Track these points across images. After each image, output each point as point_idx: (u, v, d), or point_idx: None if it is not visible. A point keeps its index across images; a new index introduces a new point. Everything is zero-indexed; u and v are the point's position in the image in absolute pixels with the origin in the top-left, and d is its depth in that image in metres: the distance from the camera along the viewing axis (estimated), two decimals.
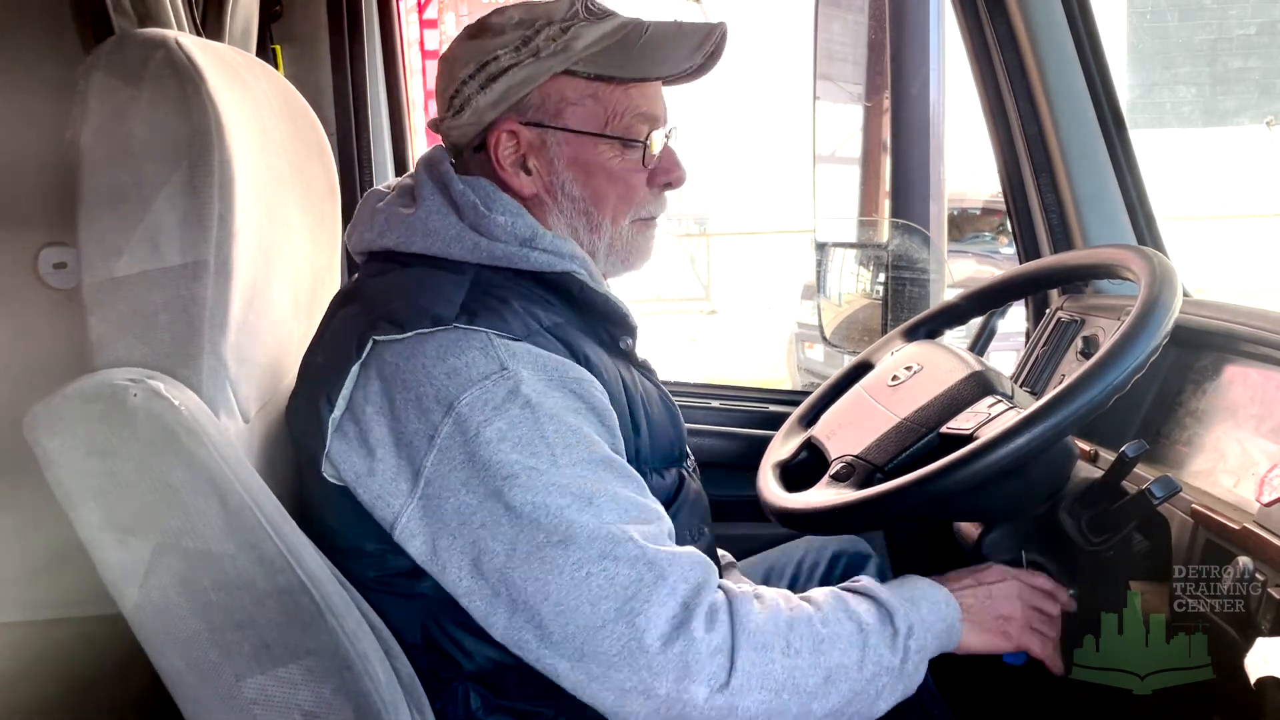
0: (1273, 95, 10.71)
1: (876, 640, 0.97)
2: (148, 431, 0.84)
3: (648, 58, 1.07)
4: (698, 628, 0.90)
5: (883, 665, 0.97)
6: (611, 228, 1.11)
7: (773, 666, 0.92)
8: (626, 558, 0.91)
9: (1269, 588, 0.97)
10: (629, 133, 1.08)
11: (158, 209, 0.89)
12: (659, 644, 0.89)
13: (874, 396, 1.29)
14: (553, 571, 0.90)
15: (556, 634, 0.90)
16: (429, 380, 0.94)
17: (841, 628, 0.97)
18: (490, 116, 1.07)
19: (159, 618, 0.87)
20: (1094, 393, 1.00)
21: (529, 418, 0.93)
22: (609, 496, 0.93)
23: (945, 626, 1.03)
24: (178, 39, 0.93)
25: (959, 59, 1.75)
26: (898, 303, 1.89)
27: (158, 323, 0.90)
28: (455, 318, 0.96)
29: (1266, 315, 1.26)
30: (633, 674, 0.89)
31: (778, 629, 0.94)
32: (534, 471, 0.92)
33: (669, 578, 0.91)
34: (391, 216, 1.07)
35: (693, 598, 0.91)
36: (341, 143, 1.85)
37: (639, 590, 0.90)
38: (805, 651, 0.93)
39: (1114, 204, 1.57)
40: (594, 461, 0.95)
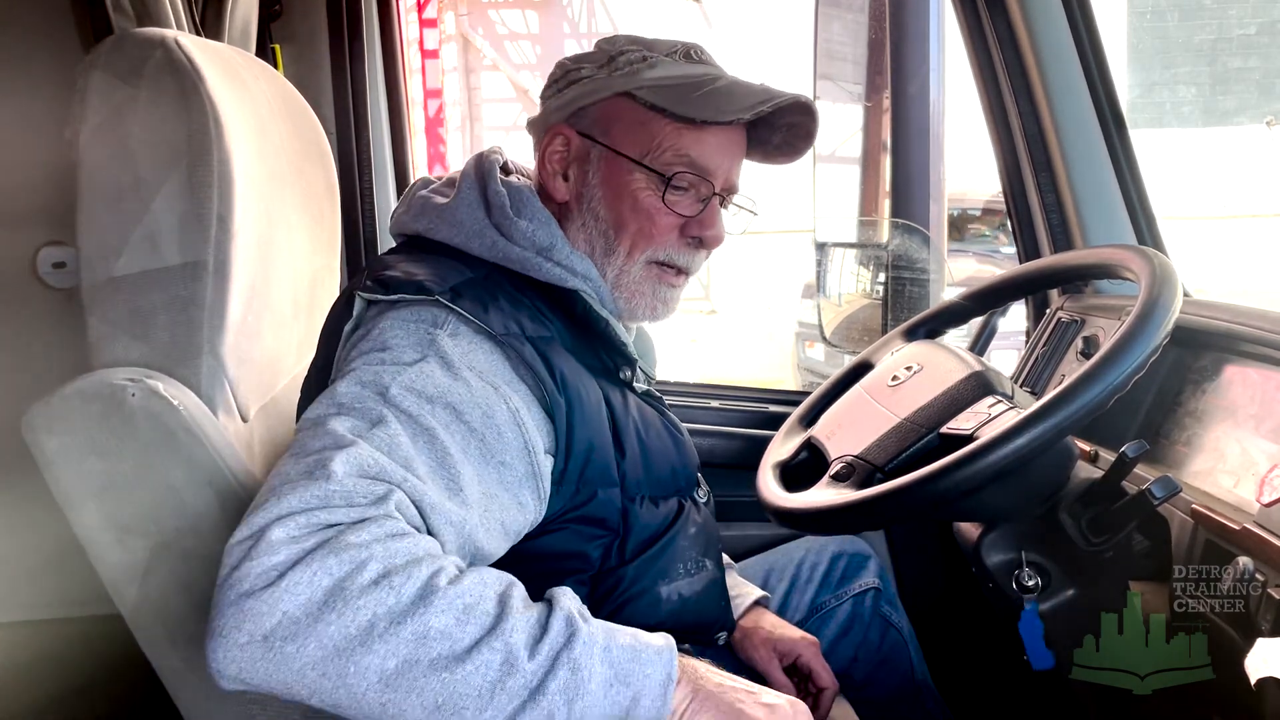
0: (1272, 95, 10.71)
1: (513, 629, 0.79)
2: (146, 431, 0.84)
3: (707, 102, 1.08)
4: (295, 523, 0.76)
5: (508, 658, 0.77)
6: (624, 260, 1.10)
7: (348, 591, 0.74)
8: (317, 451, 0.81)
9: (1269, 588, 0.97)
10: (663, 167, 1.08)
11: (157, 209, 0.89)
12: (255, 524, 0.76)
13: (874, 396, 1.29)
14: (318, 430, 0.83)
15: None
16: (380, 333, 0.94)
17: (476, 596, 0.79)
18: (554, 119, 1.12)
19: (158, 617, 0.87)
20: (1094, 393, 1.00)
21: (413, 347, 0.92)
22: (386, 432, 0.84)
23: (637, 668, 0.82)
24: (177, 38, 0.93)
25: (959, 58, 1.75)
26: (898, 303, 1.89)
27: (156, 322, 0.90)
28: (440, 292, 0.97)
29: (1266, 315, 1.26)
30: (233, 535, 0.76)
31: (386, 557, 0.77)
32: (366, 369, 0.88)
33: (332, 483, 0.78)
34: (427, 203, 1.10)
35: (331, 507, 0.78)
36: (341, 142, 1.85)
37: (299, 479, 0.79)
38: (405, 593, 0.76)
39: (1114, 204, 1.57)
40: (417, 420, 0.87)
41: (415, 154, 2.08)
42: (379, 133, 1.94)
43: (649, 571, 1.06)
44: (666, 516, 1.12)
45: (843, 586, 1.41)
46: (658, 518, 1.10)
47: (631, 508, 1.06)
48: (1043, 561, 1.15)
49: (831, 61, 2.31)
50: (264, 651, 0.73)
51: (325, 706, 0.75)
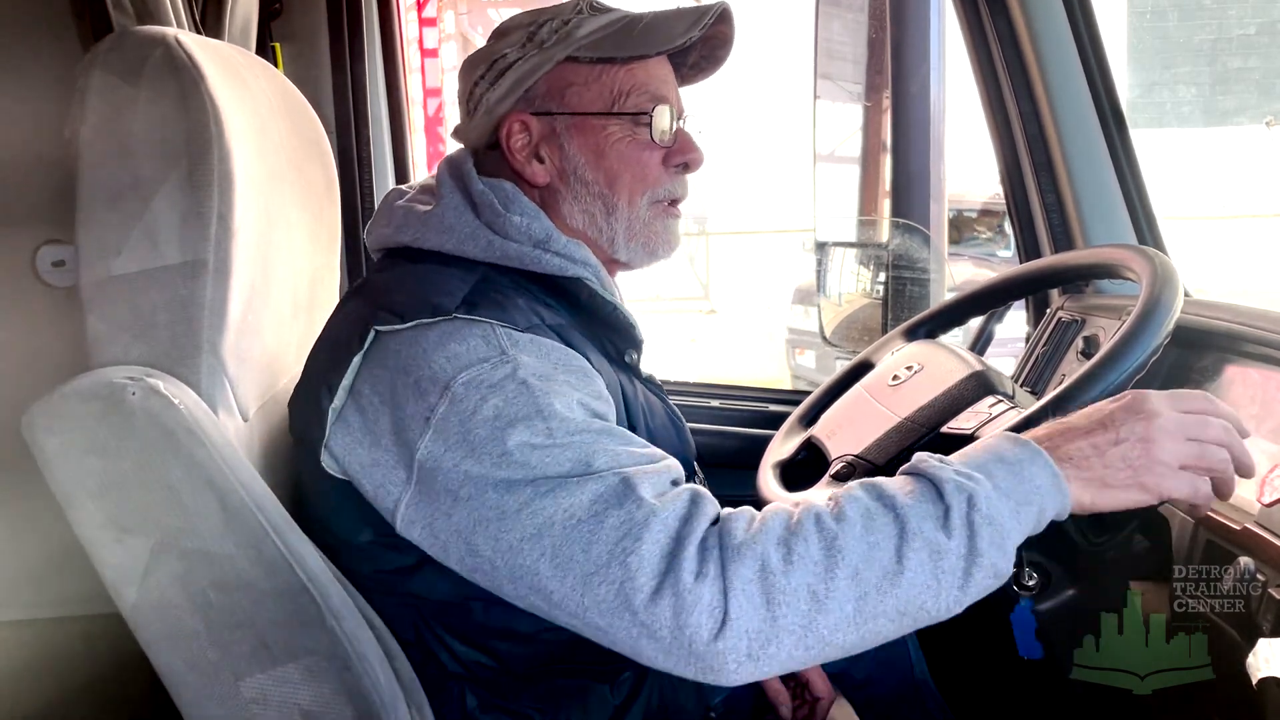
0: (1272, 95, 10.71)
1: (919, 522, 0.84)
2: (146, 430, 0.84)
3: (646, 37, 1.09)
4: (686, 564, 0.83)
5: (934, 549, 0.83)
6: (628, 209, 1.10)
7: (775, 582, 0.82)
8: (616, 498, 0.87)
9: (1270, 588, 0.96)
10: (636, 109, 1.08)
11: (157, 207, 0.89)
12: (650, 589, 0.83)
13: (874, 396, 1.29)
14: (544, 525, 0.87)
15: (558, 591, 0.86)
16: (427, 364, 0.93)
17: (868, 518, 0.85)
18: (501, 110, 1.09)
19: (158, 617, 0.86)
20: (1094, 393, 1.00)
21: (525, 394, 0.91)
22: (607, 452, 0.90)
23: (1033, 489, 0.87)
24: (177, 36, 0.92)
25: (960, 58, 1.75)
26: (898, 302, 1.88)
27: (156, 321, 0.90)
28: (455, 308, 0.96)
29: (1267, 315, 1.26)
30: (634, 620, 0.84)
31: (775, 538, 0.84)
32: (528, 447, 0.89)
33: (660, 514, 0.86)
34: (409, 213, 1.08)
35: (683, 529, 0.85)
36: (341, 141, 1.85)
37: (630, 530, 0.85)
38: (814, 555, 0.83)
39: (1114, 203, 1.57)
40: (593, 430, 0.92)
41: (415, 152, 2.07)
42: (379, 131, 1.94)
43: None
44: None
45: None
46: None
47: None
48: (1043, 561, 1.15)
49: (831, 61, 2.31)
50: (754, 665, 0.83)
51: (822, 661, 0.85)
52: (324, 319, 1.25)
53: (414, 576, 0.98)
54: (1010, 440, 0.89)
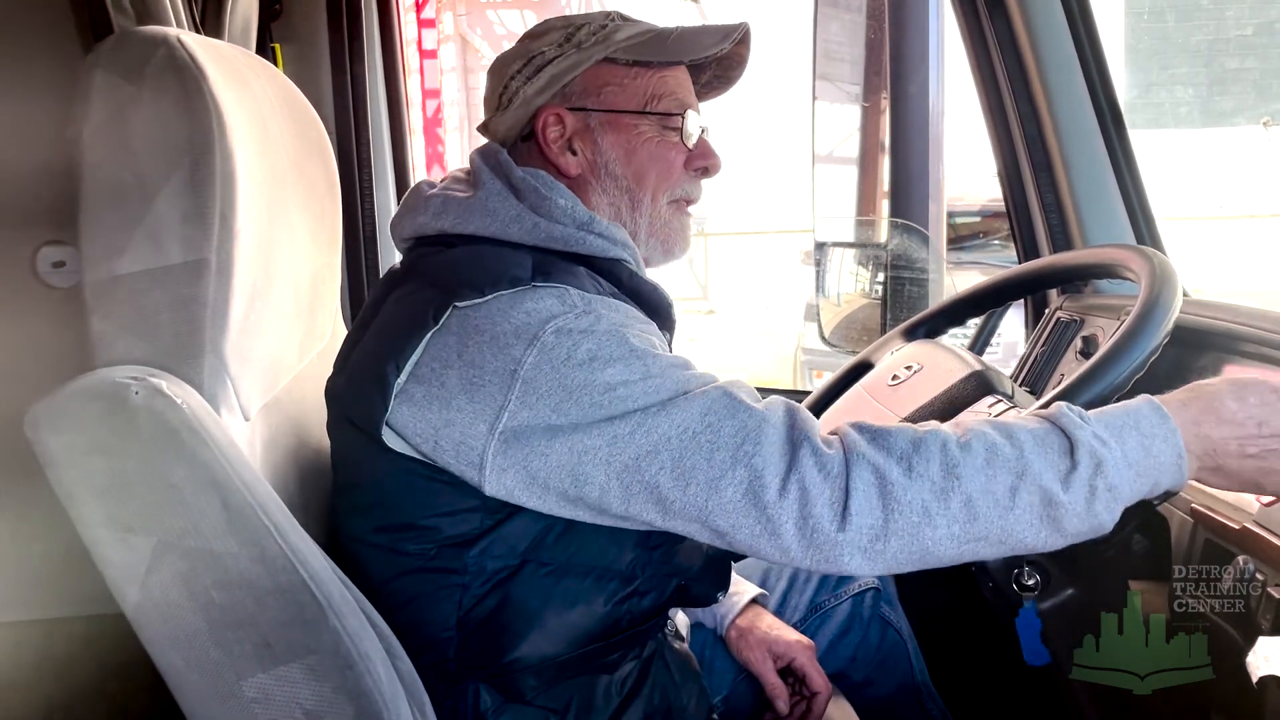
0: (1269, 96, 10.73)
1: (1041, 470, 0.89)
2: (149, 430, 0.83)
3: (679, 46, 1.14)
4: (807, 461, 0.89)
5: (1048, 499, 0.88)
6: (651, 206, 1.14)
7: (892, 489, 0.88)
8: (726, 409, 0.92)
9: (1269, 587, 0.97)
10: (667, 111, 1.14)
11: (159, 207, 0.89)
12: (777, 486, 0.89)
13: (874, 396, 1.29)
14: (660, 441, 0.91)
15: (678, 501, 0.91)
16: (506, 320, 0.95)
17: (993, 452, 0.90)
18: (537, 103, 1.12)
19: (160, 616, 0.86)
20: (1093, 392, 1.01)
21: (614, 337, 0.95)
22: (700, 378, 0.95)
23: (1156, 466, 0.91)
24: (179, 36, 0.92)
25: (959, 59, 1.75)
26: (897, 302, 1.89)
27: (159, 321, 0.90)
28: (531, 279, 0.99)
29: (1266, 315, 1.27)
30: (761, 515, 0.89)
31: (896, 447, 0.90)
32: (628, 384, 0.93)
33: (770, 418, 0.92)
34: (448, 200, 1.10)
35: (794, 430, 0.92)
36: (341, 141, 1.85)
37: (747, 435, 0.90)
38: (934, 475, 0.88)
39: (1113, 204, 1.58)
40: (678, 365, 0.96)
41: (414, 153, 2.08)
42: (379, 131, 1.94)
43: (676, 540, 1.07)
44: None
45: (841, 586, 1.41)
46: None
47: None
48: (1042, 561, 1.15)
49: (829, 62, 2.31)
50: (867, 560, 0.89)
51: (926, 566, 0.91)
52: (326, 318, 1.26)
53: (472, 547, 0.99)
54: (1151, 409, 0.93)
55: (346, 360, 1.08)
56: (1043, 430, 0.91)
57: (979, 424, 0.93)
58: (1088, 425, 0.91)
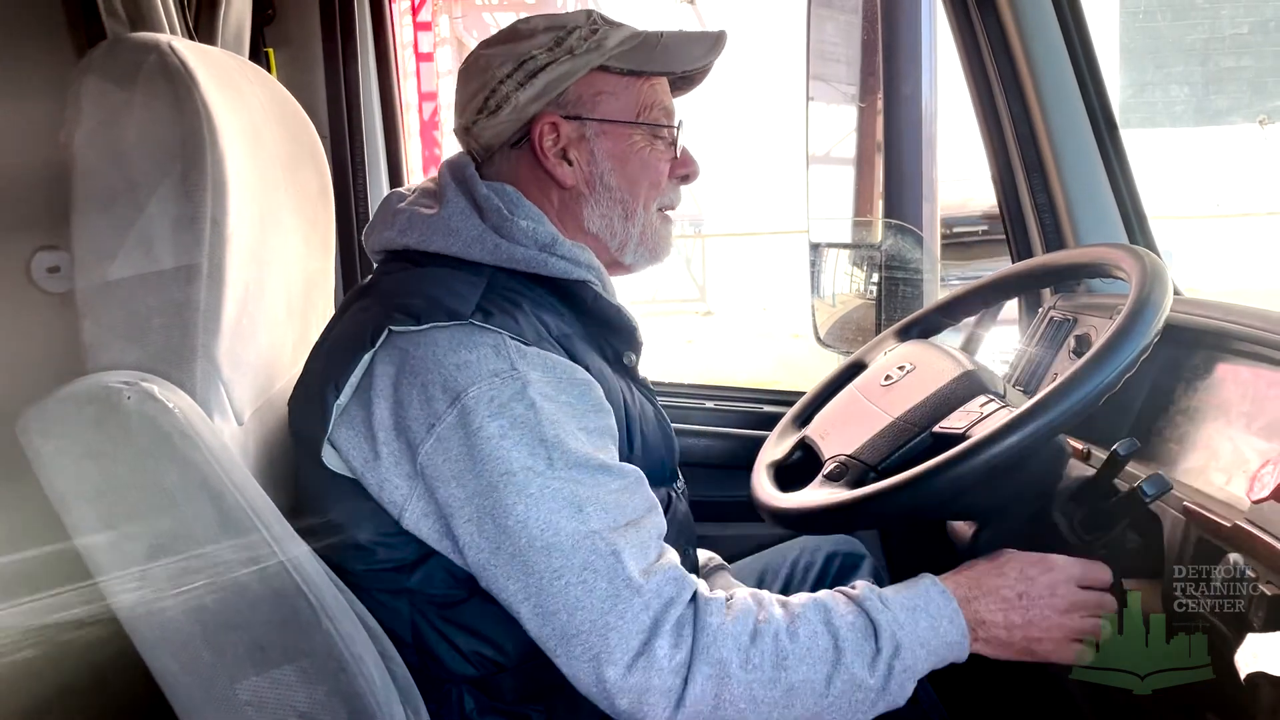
0: (1265, 94, 10.74)
1: (852, 658, 0.96)
2: (141, 434, 0.84)
3: (669, 55, 1.15)
4: (661, 646, 0.92)
5: (855, 683, 0.96)
6: (644, 215, 1.16)
7: (729, 682, 0.93)
8: (606, 571, 0.93)
9: (1261, 584, 0.97)
10: (657, 122, 1.15)
11: (151, 212, 0.89)
12: (625, 664, 0.92)
13: (867, 396, 1.29)
14: (532, 575, 0.93)
15: (535, 633, 0.95)
16: (438, 369, 0.96)
17: (814, 642, 0.96)
18: (531, 111, 1.11)
19: (154, 620, 0.87)
20: (1085, 391, 1.01)
21: (531, 418, 0.95)
22: (599, 504, 0.95)
23: (944, 644, 1.00)
24: (170, 43, 0.93)
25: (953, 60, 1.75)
26: (891, 302, 1.89)
27: (151, 326, 0.90)
28: (470, 314, 0.98)
29: (1258, 313, 1.27)
30: (599, 685, 0.92)
31: (738, 643, 0.94)
32: (529, 472, 0.93)
33: (644, 593, 0.93)
34: (413, 216, 1.10)
35: (663, 613, 0.94)
36: (335, 146, 1.86)
37: (614, 605, 0.92)
38: (766, 666, 0.94)
39: (1105, 203, 1.58)
40: (590, 466, 0.96)
41: (410, 157, 2.08)
42: (373, 135, 1.94)
43: None
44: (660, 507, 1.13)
45: (836, 585, 1.41)
46: None
47: None
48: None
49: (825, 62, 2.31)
50: None
51: None
52: (319, 323, 1.26)
53: (414, 572, 1.00)
54: (938, 591, 1.02)
55: (306, 372, 1.08)
56: (852, 615, 0.99)
57: (805, 611, 0.99)
58: (888, 610, 0.99)
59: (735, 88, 9.48)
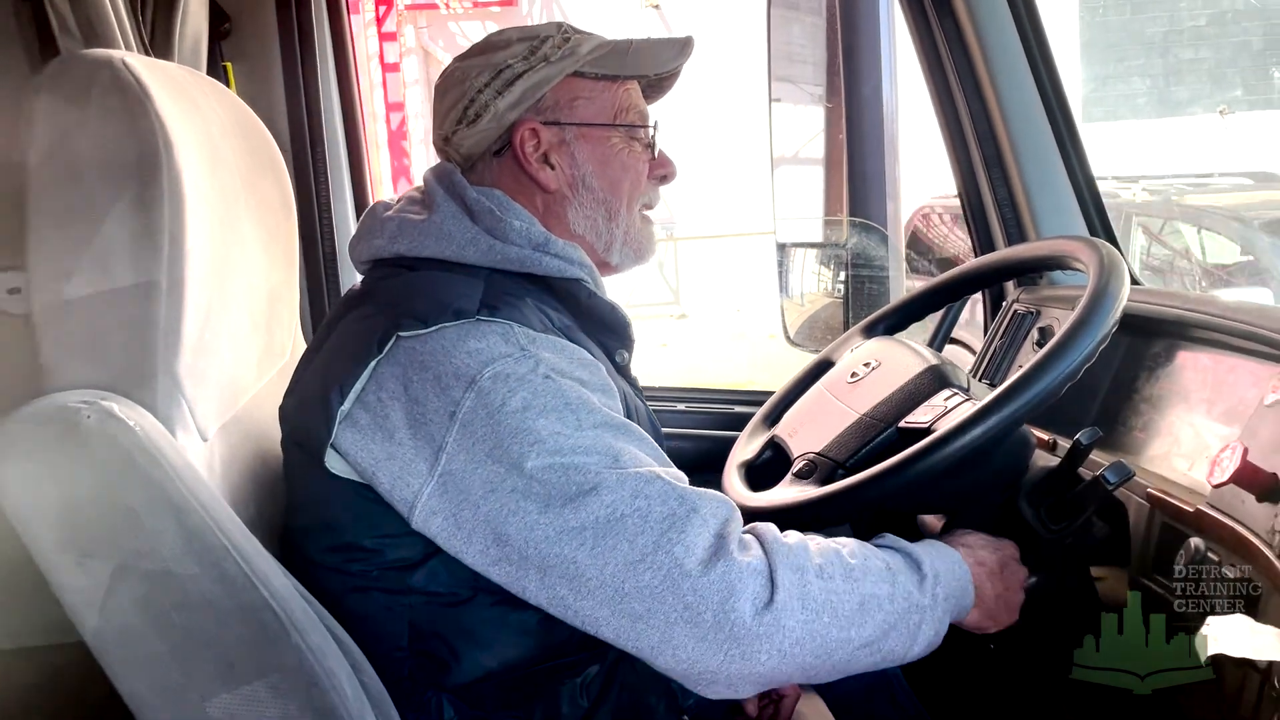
0: (1225, 84, 10.88)
1: (904, 579, 0.98)
2: (102, 453, 0.83)
3: (640, 59, 1.18)
4: (735, 550, 0.92)
5: (913, 602, 0.98)
6: (627, 215, 1.18)
7: (810, 588, 0.92)
8: (658, 494, 0.93)
9: (1224, 567, 0.98)
10: (633, 123, 1.17)
11: (108, 229, 0.88)
12: (700, 568, 0.90)
13: (834, 394, 1.30)
14: (587, 518, 0.91)
15: (594, 579, 0.91)
16: (448, 360, 0.96)
17: (869, 563, 0.98)
18: (511, 118, 1.13)
19: (120, 641, 0.86)
20: (1045, 382, 1.02)
21: (551, 386, 0.96)
22: (632, 455, 0.96)
23: (961, 588, 1.03)
24: (124, 58, 0.92)
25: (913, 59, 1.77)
26: (858, 300, 1.91)
27: (110, 344, 0.89)
28: (477, 311, 0.99)
29: (1215, 301, 1.29)
30: (677, 601, 0.90)
31: (809, 555, 0.95)
32: (559, 435, 0.94)
33: (700, 510, 0.93)
34: (403, 223, 1.11)
35: (724, 527, 0.93)
36: (296, 158, 1.85)
37: (674, 522, 0.91)
38: (838, 577, 0.95)
39: (1064, 196, 1.60)
40: (615, 426, 0.97)
41: (380, 168, 2.07)
42: (335, 147, 1.93)
43: None
44: None
45: None
46: None
47: None
48: None
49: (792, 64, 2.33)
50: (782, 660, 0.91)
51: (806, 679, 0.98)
52: (283, 335, 1.25)
53: (417, 570, 1.00)
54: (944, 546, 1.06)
55: (299, 381, 1.09)
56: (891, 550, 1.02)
57: (851, 542, 1.01)
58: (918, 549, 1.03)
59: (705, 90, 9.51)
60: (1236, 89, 10.86)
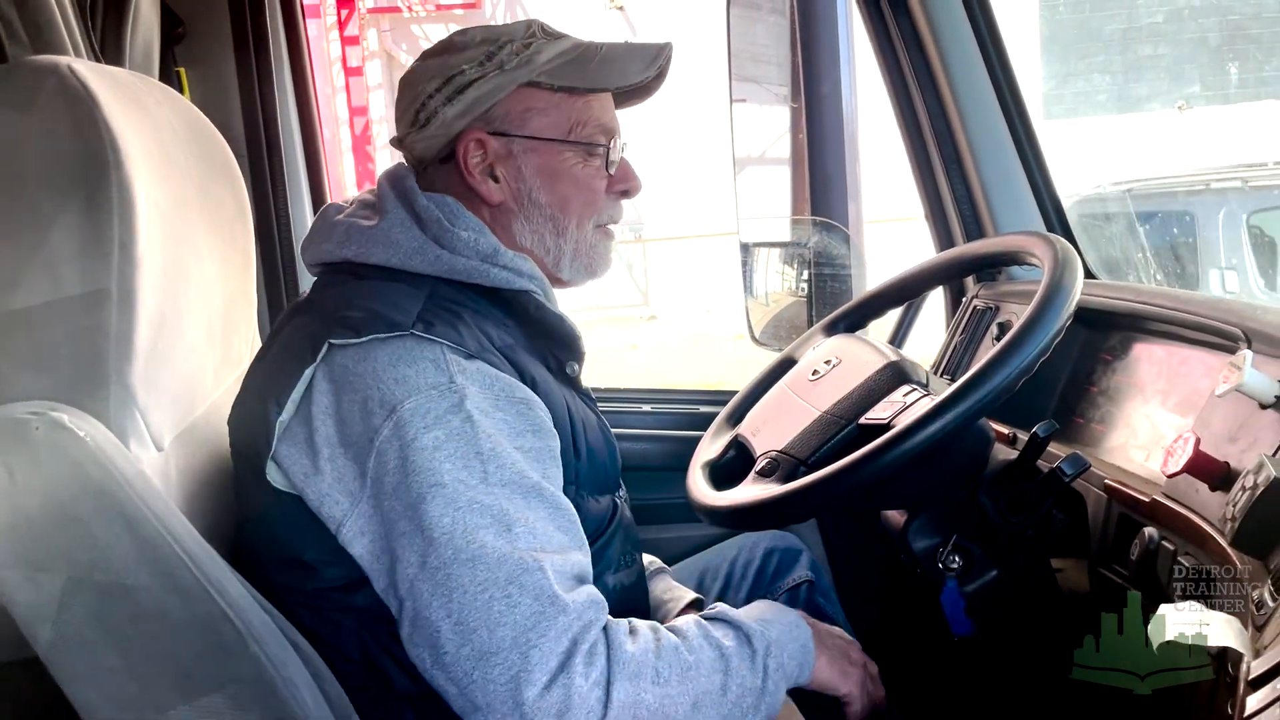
0: (1182, 80, 11.05)
1: (738, 662, 1.00)
2: (52, 465, 0.82)
3: (605, 71, 1.13)
4: (578, 665, 0.91)
5: (745, 687, 1.00)
6: (577, 232, 1.14)
7: (644, 696, 0.93)
8: (531, 588, 0.91)
9: (1180, 556, 1.00)
10: (590, 140, 1.13)
11: (55, 238, 0.87)
12: (543, 684, 0.90)
13: (796, 392, 1.31)
14: (457, 589, 0.91)
15: (451, 654, 0.91)
16: (377, 384, 0.95)
17: (705, 654, 0.99)
18: (458, 127, 1.10)
19: (75, 655, 0.85)
20: (1001, 377, 1.03)
21: (467, 430, 0.94)
22: (527, 525, 0.94)
23: (799, 647, 1.06)
24: (70, 65, 0.91)
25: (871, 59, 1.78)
26: (821, 299, 1.92)
27: (60, 354, 0.88)
28: (411, 325, 0.98)
29: (1168, 294, 1.31)
30: (515, 708, 0.90)
31: (647, 659, 0.95)
32: (461, 484, 0.93)
33: (567, 614, 0.92)
34: (352, 228, 1.09)
35: (582, 634, 0.93)
36: (253, 164, 1.83)
37: (536, 623, 0.91)
38: (674, 680, 0.95)
39: (1021, 192, 1.62)
40: (523, 486, 0.95)
41: (345, 172, 2.06)
42: (292, 152, 1.91)
43: (598, 563, 1.08)
44: (605, 513, 1.13)
45: (776, 582, 1.43)
46: (600, 514, 1.12)
47: (583, 505, 1.07)
48: (966, 544, 1.17)
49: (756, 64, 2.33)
50: None
51: None
52: (241, 343, 1.24)
53: (360, 590, 0.99)
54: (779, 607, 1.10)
55: (245, 390, 1.08)
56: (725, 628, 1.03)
57: (687, 627, 1.02)
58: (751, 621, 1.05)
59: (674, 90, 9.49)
60: (1194, 85, 11.03)
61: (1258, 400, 0.97)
